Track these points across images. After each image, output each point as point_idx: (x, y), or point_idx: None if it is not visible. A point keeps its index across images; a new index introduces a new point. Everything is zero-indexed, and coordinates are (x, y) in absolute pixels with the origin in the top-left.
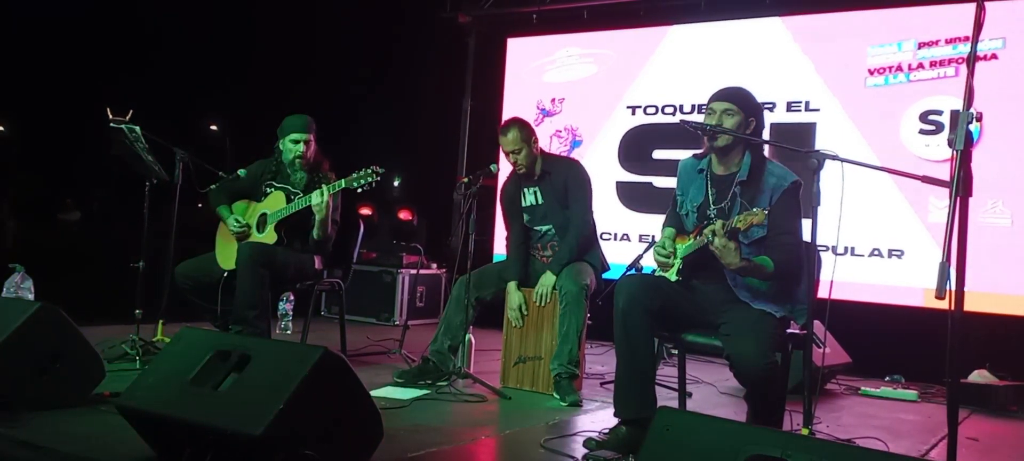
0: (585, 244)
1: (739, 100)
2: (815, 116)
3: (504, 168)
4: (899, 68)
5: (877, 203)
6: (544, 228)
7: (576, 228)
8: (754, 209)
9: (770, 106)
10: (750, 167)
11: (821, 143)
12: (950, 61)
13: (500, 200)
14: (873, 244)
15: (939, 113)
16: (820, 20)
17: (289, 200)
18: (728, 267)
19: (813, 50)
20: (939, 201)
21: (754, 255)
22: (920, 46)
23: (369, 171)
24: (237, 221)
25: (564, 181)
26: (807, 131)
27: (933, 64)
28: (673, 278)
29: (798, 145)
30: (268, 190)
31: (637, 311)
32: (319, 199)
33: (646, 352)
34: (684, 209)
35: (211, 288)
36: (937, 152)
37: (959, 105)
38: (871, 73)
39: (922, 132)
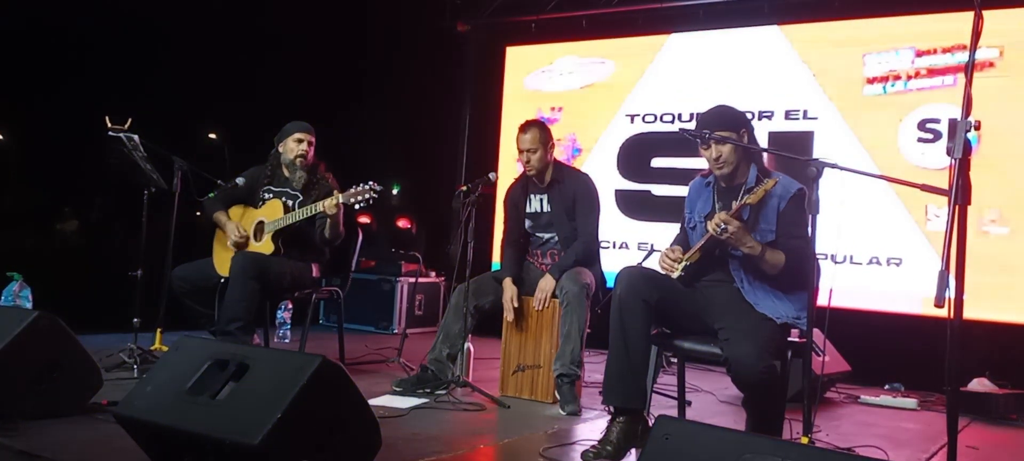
0: (590, 257)
1: (726, 122)
2: (813, 124)
3: (504, 176)
4: (897, 76)
5: (875, 211)
6: (546, 236)
7: (584, 240)
8: (764, 181)
9: (768, 114)
10: (756, 176)
11: (819, 151)
12: (948, 70)
13: (504, 201)
14: (872, 252)
15: (937, 121)
16: (818, 28)
17: (287, 208)
18: (749, 252)
19: (811, 58)
20: (937, 209)
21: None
22: (918, 54)
23: (366, 187)
24: (237, 229)
25: (573, 193)
26: (805, 139)
27: (931, 72)
28: (676, 276)
29: (796, 154)
30: (265, 196)
31: (635, 300)
32: (334, 210)
33: (640, 344)
34: (691, 222)
35: (208, 292)
36: (935, 160)
37: (957, 113)
38: (869, 81)
39: (920, 140)
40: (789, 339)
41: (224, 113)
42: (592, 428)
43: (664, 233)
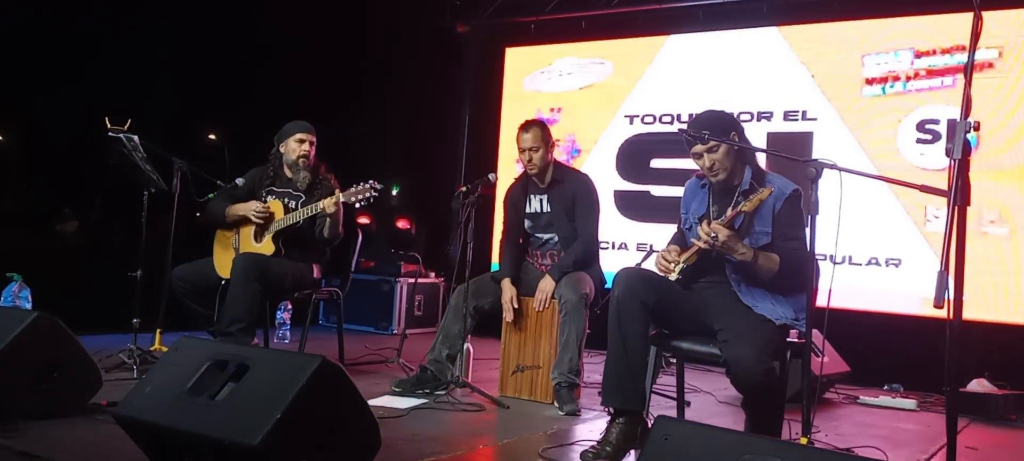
0: (589, 258)
1: (714, 128)
2: (812, 125)
3: (503, 176)
4: (896, 77)
5: (875, 212)
6: (546, 236)
7: (584, 241)
8: (759, 190)
9: (767, 115)
10: (751, 178)
11: (818, 152)
12: (947, 70)
13: (504, 201)
14: (871, 253)
15: (936, 122)
16: (817, 30)
17: (287, 209)
18: (742, 259)
19: (810, 59)
20: (936, 210)
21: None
22: (917, 55)
23: (366, 186)
24: (257, 203)
25: (573, 193)
26: (805, 140)
27: (930, 73)
28: (674, 278)
29: (796, 154)
30: (266, 198)
31: (633, 302)
32: (334, 208)
33: (638, 345)
34: (687, 224)
35: (207, 293)
36: (934, 161)
37: (956, 114)
38: (868, 82)
39: (919, 141)
40: (788, 340)
41: (224, 113)
42: (591, 429)
43: (663, 234)
